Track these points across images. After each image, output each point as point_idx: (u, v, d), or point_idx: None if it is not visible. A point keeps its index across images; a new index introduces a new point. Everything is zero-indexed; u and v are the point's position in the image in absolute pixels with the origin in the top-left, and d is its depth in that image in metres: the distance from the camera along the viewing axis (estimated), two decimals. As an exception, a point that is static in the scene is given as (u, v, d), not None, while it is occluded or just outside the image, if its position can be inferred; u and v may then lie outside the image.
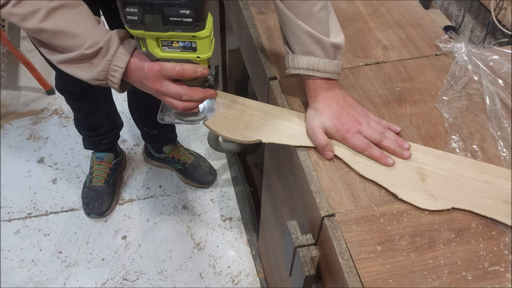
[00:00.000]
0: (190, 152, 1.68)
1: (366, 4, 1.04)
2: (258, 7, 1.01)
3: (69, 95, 1.38)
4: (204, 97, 0.70)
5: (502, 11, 0.99)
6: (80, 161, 1.75)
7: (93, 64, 0.66)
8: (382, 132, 0.70)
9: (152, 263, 1.46)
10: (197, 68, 0.65)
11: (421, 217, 0.63)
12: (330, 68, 0.72)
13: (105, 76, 0.67)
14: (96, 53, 0.65)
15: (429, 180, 0.67)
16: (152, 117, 1.49)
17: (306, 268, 0.64)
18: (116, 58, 0.66)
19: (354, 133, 0.70)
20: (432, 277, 0.56)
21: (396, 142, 0.70)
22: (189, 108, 0.70)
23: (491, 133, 0.74)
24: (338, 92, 0.74)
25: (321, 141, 0.70)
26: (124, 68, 0.66)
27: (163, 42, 0.62)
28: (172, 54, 0.64)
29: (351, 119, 0.71)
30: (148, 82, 0.67)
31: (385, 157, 0.68)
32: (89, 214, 1.56)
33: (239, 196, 1.65)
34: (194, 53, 0.64)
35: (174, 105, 0.69)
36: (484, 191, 0.65)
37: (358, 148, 0.70)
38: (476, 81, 0.81)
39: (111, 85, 0.68)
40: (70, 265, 1.45)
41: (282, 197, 0.90)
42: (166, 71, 0.65)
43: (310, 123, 0.73)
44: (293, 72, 0.74)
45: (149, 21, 0.58)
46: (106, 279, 1.42)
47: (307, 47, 0.71)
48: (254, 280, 1.43)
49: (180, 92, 0.67)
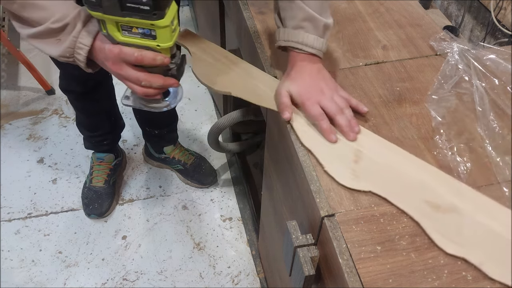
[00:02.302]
0: (190, 153, 1.68)
1: (366, 4, 1.04)
2: (258, 7, 1.01)
3: (72, 95, 1.38)
4: (164, 85, 0.70)
5: (502, 11, 0.99)
6: (80, 161, 1.75)
7: (60, 41, 0.66)
8: (341, 108, 0.73)
9: (152, 263, 1.46)
10: (157, 57, 0.65)
11: (421, 217, 0.63)
12: (317, 44, 0.75)
13: (71, 53, 0.66)
14: (63, 29, 0.65)
15: (361, 163, 0.69)
16: (155, 117, 1.51)
17: (306, 268, 0.64)
18: (81, 35, 0.65)
19: (313, 103, 0.73)
20: (432, 277, 0.56)
21: (349, 122, 0.72)
22: (149, 95, 0.70)
23: (479, 133, 0.74)
24: (316, 66, 0.77)
25: (282, 102, 0.74)
26: (89, 46, 0.66)
27: (123, 26, 0.62)
28: (132, 39, 0.64)
29: (316, 89, 0.74)
30: (109, 63, 0.67)
31: (331, 132, 0.71)
32: (89, 215, 1.56)
33: (239, 196, 1.65)
34: (154, 41, 0.63)
35: (134, 89, 0.69)
36: (411, 187, 0.66)
37: (311, 116, 0.73)
38: (467, 80, 0.81)
39: (78, 63, 0.68)
40: (70, 265, 1.45)
41: (282, 197, 0.90)
42: (125, 55, 0.65)
43: (279, 87, 0.77)
44: (283, 45, 0.77)
45: (106, 4, 0.58)
46: (106, 279, 1.42)
47: (300, 22, 0.74)
48: (254, 280, 1.43)
49: (139, 78, 0.67)
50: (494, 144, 0.71)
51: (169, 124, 1.57)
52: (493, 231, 0.61)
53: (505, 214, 0.63)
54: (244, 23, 0.99)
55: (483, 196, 0.65)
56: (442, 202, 0.64)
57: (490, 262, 0.57)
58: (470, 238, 0.60)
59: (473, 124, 0.76)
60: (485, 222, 0.62)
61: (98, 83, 1.35)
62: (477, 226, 0.61)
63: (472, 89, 0.79)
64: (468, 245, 0.59)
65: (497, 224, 0.61)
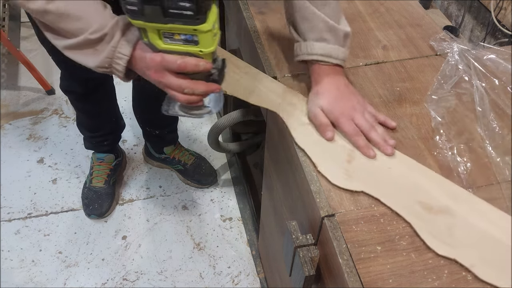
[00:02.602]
0: (190, 153, 1.68)
1: (366, 4, 1.04)
2: (258, 7, 1.01)
3: (73, 96, 1.37)
4: (207, 91, 0.68)
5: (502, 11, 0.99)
6: (80, 161, 1.75)
7: (97, 51, 0.65)
8: (373, 125, 0.73)
9: (152, 263, 1.46)
10: (199, 62, 0.63)
11: (421, 217, 0.63)
12: (340, 55, 0.75)
13: (109, 63, 0.65)
14: (101, 39, 0.64)
15: (354, 163, 0.69)
16: (156, 117, 1.51)
17: (306, 268, 0.64)
18: (120, 45, 0.64)
19: (347, 119, 0.72)
20: (432, 277, 0.56)
21: (383, 137, 0.72)
22: (191, 102, 0.68)
23: (479, 133, 0.74)
24: (342, 78, 0.77)
25: (322, 122, 0.73)
26: (128, 56, 0.65)
27: (165, 34, 0.61)
28: (174, 46, 0.62)
29: (348, 105, 0.74)
30: (150, 72, 0.65)
31: (368, 148, 0.70)
32: (89, 215, 1.56)
33: (239, 196, 1.65)
34: (196, 46, 0.62)
35: (176, 97, 0.67)
36: (404, 187, 0.66)
37: (348, 133, 0.72)
38: (467, 80, 0.81)
39: (115, 73, 0.67)
40: (70, 265, 1.45)
41: (282, 197, 0.90)
42: (167, 63, 0.63)
43: (311, 106, 0.76)
44: (306, 58, 0.76)
45: (148, 12, 0.57)
46: (106, 279, 1.42)
47: (321, 34, 0.73)
48: (254, 280, 1.43)
49: (182, 85, 0.65)
50: (494, 144, 0.71)
51: (169, 125, 1.57)
52: (486, 233, 0.60)
53: (499, 216, 0.62)
54: (244, 23, 0.99)
55: (477, 198, 0.65)
56: (435, 203, 0.64)
57: (482, 264, 0.57)
58: (462, 239, 0.60)
59: (473, 124, 0.76)
60: (478, 224, 0.61)
61: (100, 84, 1.35)
62: (470, 228, 0.61)
63: (472, 89, 0.79)
64: (460, 246, 0.59)
65: (490, 226, 0.61)
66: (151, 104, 1.41)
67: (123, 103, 1.85)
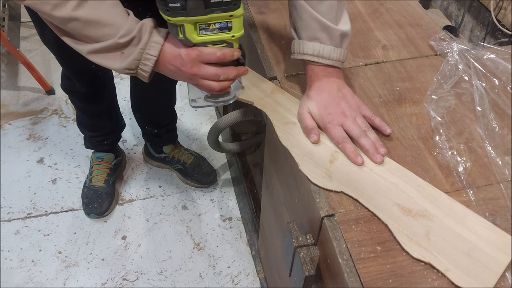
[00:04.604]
0: (190, 152, 1.68)
1: (366, 4, 1.04)
2: (258, 7, 1.01)
3: (74, 96, 1.37)
4: (238, 75, 0.71)
5: (502, 11, 0.99)
6: (80, 161, 1.75)
7: (123, 54, 0.67)
8: (364, 131, 0.72)
9: (152, 263, 1.46)
10: (234, 52, 0.68)
11: (421, 217, 0.63)
12: (334, 55, 0.73)
13: (136, 65, 0.67)
14: (129, 42, 0.66)
15: (336, 164, 0.69)
16: (155, 117, 1.51)
17: (306, 268, 0.64)
18: (149, 46, 0.66)
19: (335, 125, 0.72)
20: (432, 277, 0.56)
21: (373, 144, 0.71)
22: (225, 88, 0.72)
23: (478, 133, 0.74)
24: (335, 81, 0.75)
25: (307, 124, 0.74)
26: (157, 56, 0.67)
27: (201, 26, 0.64)
28: (208, 37, 0.65)
29: (337, 111, 0.73)
30: (186, 68, 0.67)
31: (356, 155, 0.70)
32: (89, 214, 1.56)
33: (239, 196, 1.65)
34: (230, 32, 0.66)
35: (211, 86, 0.70)
36: (383, 189, 0.66)
37: (335, 139, 0.72)
38: (466, 80, 0.81)
39: (140, 73, 0.69)
40: (70, 265, 1.45)
41: (282, 197, 0.90)
42: (205, 55, 0.66)
43: (300, 108, 0.76)
44: (298, 58, 0.76)
45: (191, 6, 0.60)
46: (106, 279, 1.42)
47: (314, 33, 0.73)
48: (254, 280, 1.43)
49: (218, 72, 0.68)
50: (493, 144, 0.71)
51: (168, 123, 1.57)
52: (462, 238, 0.60)
53: (476, 221, 0.62)
54: (244, 23, 0.99)
55: (457, 203, 0.64)
56: (414, 206, 0.63)
57: (456, 269, 0.56)
58: (438, 243, 0.59)
59: (472, 124, 0.76)
60: (455, 228, 0.61)
61: (102, 84, 1.35)
62: (447, 232, 0.60)
63: (472, 89, 0.79)
64: (435, 250, 0.58)
65: (466, 231, 0.60)
66: (150, 102, 1.41)
67: (123, 103, 1.85)
